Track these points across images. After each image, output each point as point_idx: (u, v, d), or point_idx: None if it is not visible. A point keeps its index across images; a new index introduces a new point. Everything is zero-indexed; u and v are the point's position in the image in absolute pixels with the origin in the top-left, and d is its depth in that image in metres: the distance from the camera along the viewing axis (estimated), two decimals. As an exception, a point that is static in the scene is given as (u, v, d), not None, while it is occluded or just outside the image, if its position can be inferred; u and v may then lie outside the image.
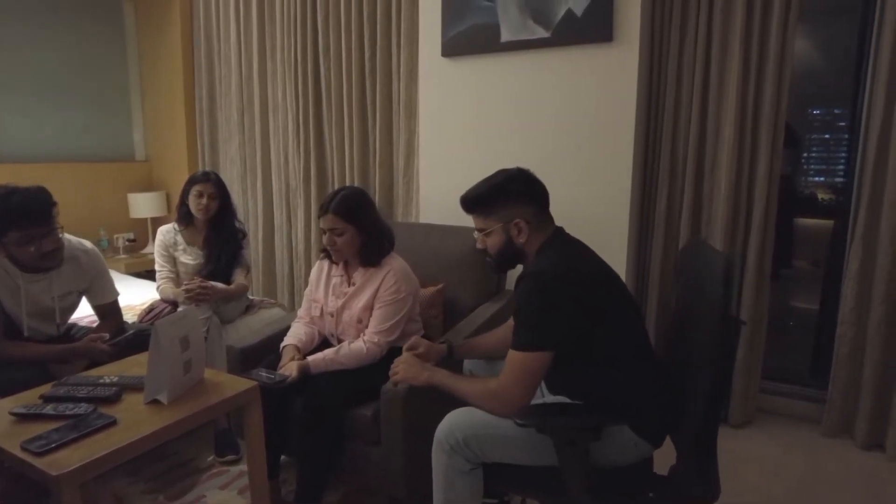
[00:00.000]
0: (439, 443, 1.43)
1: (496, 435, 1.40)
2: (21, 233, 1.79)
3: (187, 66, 3.92)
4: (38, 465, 1.08)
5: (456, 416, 1.44)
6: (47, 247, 1.85)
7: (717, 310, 1.25)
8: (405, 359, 1.70)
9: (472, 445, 1.40)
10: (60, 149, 3.80)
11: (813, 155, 3.21)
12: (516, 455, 1.43)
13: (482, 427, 1.41)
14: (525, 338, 1.38)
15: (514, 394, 1.38)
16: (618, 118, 2.38)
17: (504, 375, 1.40)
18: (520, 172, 1.52)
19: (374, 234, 1.99)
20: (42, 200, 1.82)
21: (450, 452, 1.41)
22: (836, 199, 2.96)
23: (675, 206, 2.57)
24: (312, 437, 1.82)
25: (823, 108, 3.12)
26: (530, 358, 1.37)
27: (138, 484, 2.15)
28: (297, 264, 3.57)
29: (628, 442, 1.40)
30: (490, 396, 1.41)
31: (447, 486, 1.43)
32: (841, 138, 2.97)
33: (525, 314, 1.41)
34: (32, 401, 1.34)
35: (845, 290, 2.37)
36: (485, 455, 1.42)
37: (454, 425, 1.42)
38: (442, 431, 1.43)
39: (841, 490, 2.13)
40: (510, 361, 1.40)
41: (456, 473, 1.42)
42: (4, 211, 1.77)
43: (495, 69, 2.59)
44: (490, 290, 2.43)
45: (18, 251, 1.82)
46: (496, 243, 1.52)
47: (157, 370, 1.32)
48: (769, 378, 2.73)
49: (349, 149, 3.22)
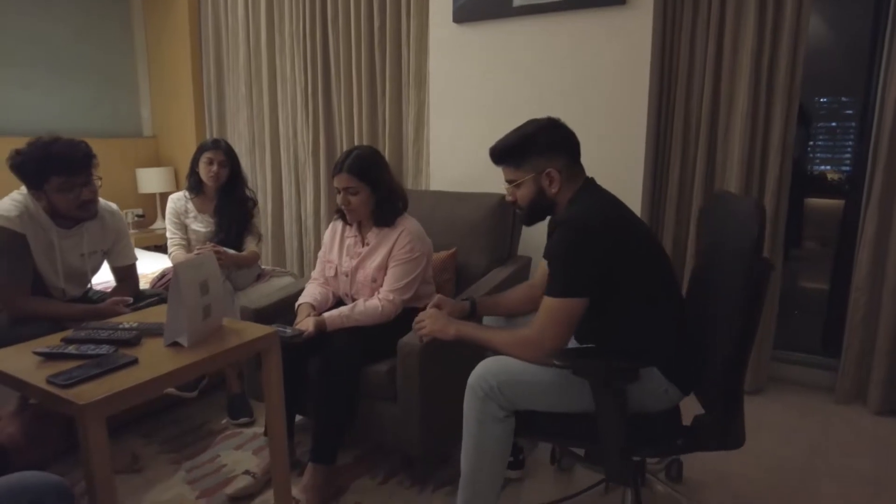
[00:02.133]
0: (472, 389, 1.42)
1: (531, 381, 1.40)
2: (62, 179, 1.85)
3: (194, 39, 3.90)
4: (64, 396, 1.08)
5: (489, 363, 1.44)
6: (86, 196, 1.92)
7: (748, 251, 1.24)
8: (431, 314, 1.69)
9: (505, 392, 1.40)
10: (68, 124, 3.78)
11: (819, 143, 3.19)
12: (550, 401, 1.43)
13: (516, 374, 1.41)
14: (560, 285, 1.38)
15: (548, 339, 1.38)
16: (631, 83, 2.37)
17: (538, 322, 1.40)
18: (550, 122, 1.51)
19: (388, 193, 1.99)
20: (83, 150, 1.90)
21: (483, 399, 1.40)
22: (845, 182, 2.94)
23: (688, 174, 2.55)
24: (329, 394, 1.82)
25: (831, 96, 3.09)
26: (565, 304, 1.37)
27: (153, 445, 2.16)
28: (306, 238, 3.57)
29: (658, 387, 1.41)
30: (524, 343, 1.41)
31: (479, 431, 1.42)
32: (848, 126, 2.94)
33: (559, 261, 1.40)
34: (54, 343, 1.34)
35: (860, 255, 2.36)
36: (518, 402, 1.42)
37: (488, 371, 1.42)
38: (475, 378, 1.43)
39: (853, 454, 2.13)
40: (545, 308, 1.40)
41: (488, 419, 1.41)
42: (47, 157, 1.83)
43: (507, 34, 2.57)
44: (502, 254, 2.43)
45: (58, 198, 1.87)
46: (527, 195, 1.51)
47: (177, 313, 1.32)
48: (781, 348, 2.72)
49: (358, 120, 3.20)
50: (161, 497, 1.85)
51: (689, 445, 1.43)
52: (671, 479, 1.91)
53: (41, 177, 1.85)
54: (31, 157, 1.83)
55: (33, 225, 1.90)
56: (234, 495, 1.83)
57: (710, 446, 1.41)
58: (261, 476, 1.88)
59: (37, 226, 1.91)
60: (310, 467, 1.82)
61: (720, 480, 1.93)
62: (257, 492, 1.86)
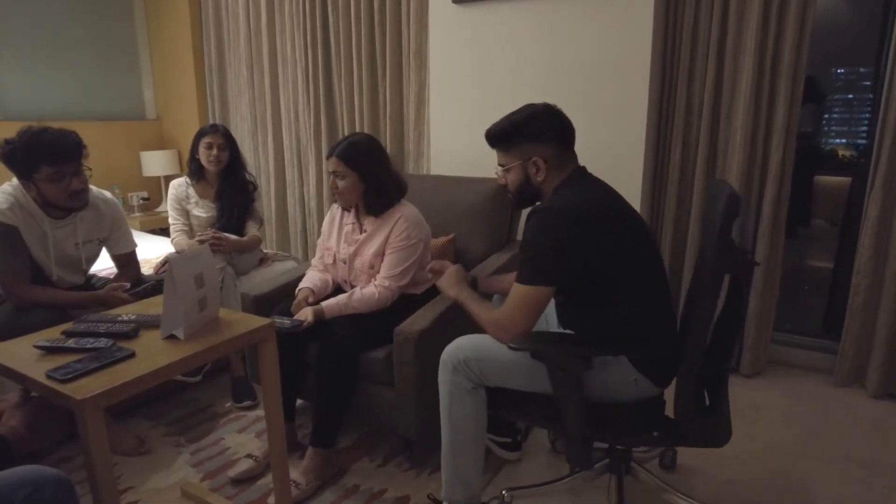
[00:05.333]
0: (444, 362, 1.52)
1: (496, 359, 1.47)
2: (53, 168, 1.85)
3: (195, 20, 3.87)
4: (63, 390, 1.11)
5: (462, 340, 1.53)
6: (76, 185, 1.92)
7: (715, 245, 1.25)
8: (454, 270, 1.79)
9: (472, 366, 1.48)
10: (71, 107, 3.80)
11: (835, 116, 3.12)
12: (514, 380, 1.49)
13: (484, 350, 1.48)
14: (528, 271, 1.42)
15: (513, 323, 1.43)
16: (633, 64, 2.33)
17: (506, 305, 1.46)
18: (546, 109, 1.51)
19: (376, 183, 1.98)
20: (73, 139, 1.89)
21: (452, 371, 1.49)
22: (857, 158, 2.88)
23: (690, 156, 2.52)
24: (328, 380, 1.85)
25: (847, 67, 3.01)
26: (531, 291, 1.41)
27: (159, 428, 2.21)
28: (309, 220, 3.58)
29: (628, 377, 1.42)
30: (495, 324, 1.47)
31: (451, 402, 1.51)
32: (865, 98, 2.87)
33: (529, 249, 1.44)
34: (55, 336, 1.37)
35: (863, 239, 2.34)
36: (485, 378, 1.49)
37: (458, 346, 1.51)
38: (447, 352, 1.52)
39: (850, 437, 2.14)
40: (512, 293, 1.45)
41: (458, 390, 1.50)
42: (38, 146, 1.83)
43: (508, 15, 2.53)
44: (501, 240, 2.43)
45: (49, 188, 1.88)
46: (515, 180, 1.54)
47: (173, 306, 1.34)
48: (781, 330, 2.72)
49: (359, 102, 3.18)
50: (166, 479, 1.91)
51: (665, 439, 1.45)
52: (665, 468, 1.93)
53: (31, 166, 1.84)
54: (20, 146, 1.82)
55: (25, 216, 1.91)
56: (236, 478, 1.88)
57: (690, 442, 1.43)
58: (262, 459, 1.93)
59: (28, 217, 1.92)
60: (310, 451, 1.87)
61: (714, 465, 1.95)
62: (259, 474, 1.91)
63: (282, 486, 1.64)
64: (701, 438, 1.43)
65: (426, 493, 1.82)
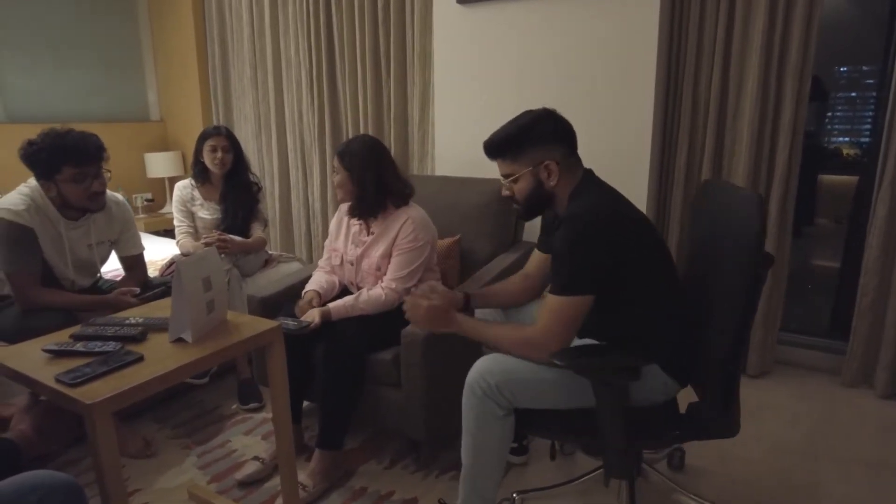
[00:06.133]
0: (470, 388, 1.40)
1: (530, 379, 1.39)
2: (75, 169, 1.89)
3: (198, 22, 3.87)
4: (72, 395, 1.11)
5: (487, 362, 1.42)
6: (96, 188, 1.96)
7: (750, 246, 1.23)
8: (438, 305, 1.56)
9: (504, 391, 1.38)
10: (75, 109, 3.80)
11: (838, 114, 3.10)
12: (551, 399, 1.41)
13: (515, 372, 1.39)
14: (566, 281, 1.36)
15: (552, 339, 1.35)
16: (638, 65, 2.32)
17: (542, 321, 1.38)
18: (546, 112, 1.47)
19: (368, 188, 1.95)
20: (95, 142, 1.95)
21: (482, 398, 1.38)
22: (861, 156, 2.87)
23: (696, 157, 2.51)
24: (334, 382, 1.85)
25: (851, 66, 2.99)
26: (571, 302, 1.34)
27: (166, 430, 2.21)
28: (314, 222, 3.58)
29: (658, 381, 1.41)
30: (527, 342, 1.39)
31: (478, 430, 1.41)
32: (868, 97, 2.86)
33: (566, 257, 1.37)
34: (63, 340, 1.37)
35: (871, 238, 2.33)
36: (517, 401, 1.40)
37: (487, 371, 1.39)
38: (473, 377, 1.41)
39: (858, 437, 2.13)
40: (550, 306, 1.37)
41: (488, 418, 1.39)
42: (61, 147, 1.87)
43: (512, 15, 2.52)
44: (506, 240, 2.42)
45: (69, 188, 1.92)
46: (525, 188, 1.47)
47: (181, 309, 1.34)
48: (788, 331, 2.71)
49: (363, 103, 3.18)
50: (173, 481, 1.91)
51: (685, 435, 1.44)
52: (673, 469, 1.92)
53: (54, 166, 1.89)
54: (45, 147, 1.87)
55: (41, 218, 1.94)
56: (243, 481, 1.88)
57: (707, 435, 1.42)
58: (269, 461, 1.93)
59: (44, 218, 1.95)
60: (317, 453, 1.86)
61: (721, 465, 1.95)
62: (266, 477, 1.91)
63: (290, 489, 1.64)
64: (718, 430, 1.40)
65: (434, 494, 1.81)
